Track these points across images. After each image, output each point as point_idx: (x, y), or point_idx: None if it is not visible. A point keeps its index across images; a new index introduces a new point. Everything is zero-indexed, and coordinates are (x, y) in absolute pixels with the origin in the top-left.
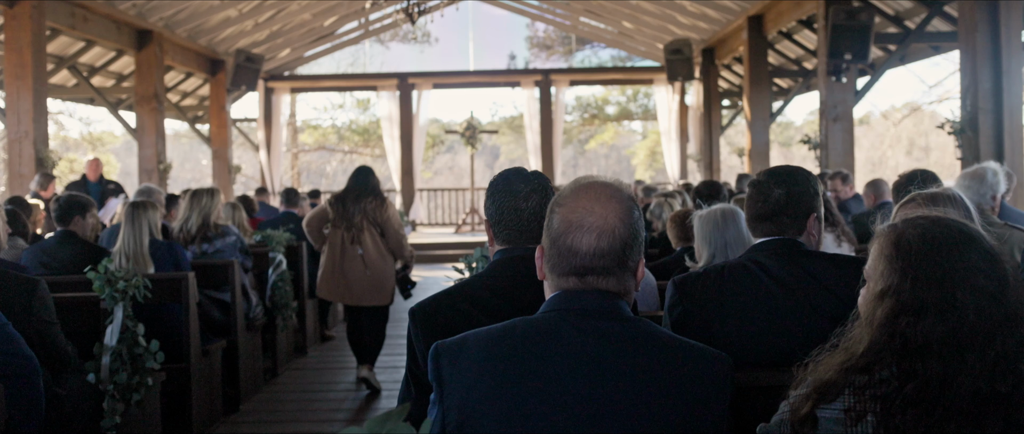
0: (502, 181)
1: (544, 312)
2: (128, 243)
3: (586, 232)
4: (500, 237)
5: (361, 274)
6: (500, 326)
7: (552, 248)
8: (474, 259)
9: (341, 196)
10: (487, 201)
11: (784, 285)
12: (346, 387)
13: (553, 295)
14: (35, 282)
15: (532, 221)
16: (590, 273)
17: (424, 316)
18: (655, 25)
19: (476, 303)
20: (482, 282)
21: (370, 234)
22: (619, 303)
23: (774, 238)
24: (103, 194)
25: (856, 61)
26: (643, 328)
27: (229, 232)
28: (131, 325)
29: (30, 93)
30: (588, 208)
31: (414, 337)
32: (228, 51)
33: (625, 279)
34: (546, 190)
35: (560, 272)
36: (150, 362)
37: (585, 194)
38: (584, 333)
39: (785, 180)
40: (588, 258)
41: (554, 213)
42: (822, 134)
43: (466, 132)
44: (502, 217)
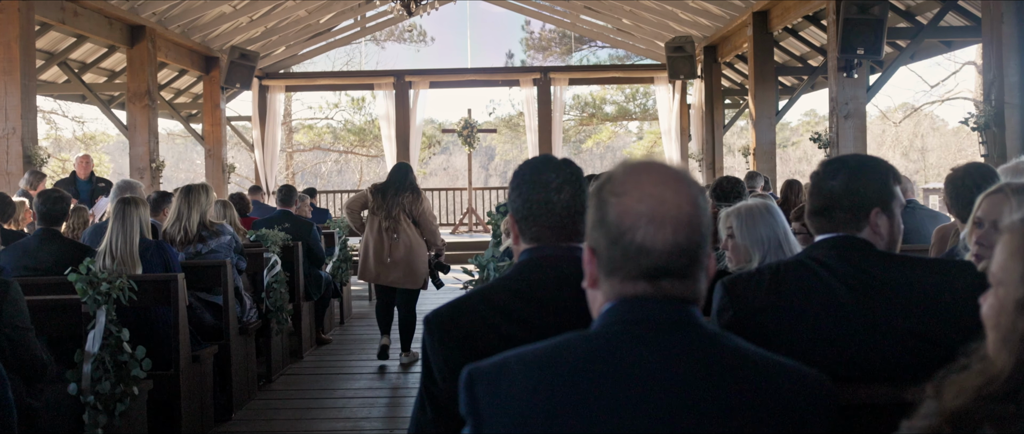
0: (529, 171)
1: (604, 326)
2: (116, 242)
3: (659, 225)
4: (528, 235)
5: (397, 260)
6: (549, 345)
7: (613, 247)
8: (485, 260)
9: (382, 187)
10: (512, 194)
11: (852, 288)
12: (344, 394)
13: (612, 304)
14: (6, 284)
15: (565, 216)
16: (665, 275)
17: (441, 325)
18: (655, 23)
19: (501, 310)
20: (507, 286)
21: (406, 224)
22: (695, 312)
23: (832, 235)
24: (93, 192)
25: (869, 56)
26: (727, 343)
27: (224, 231)
28: (115, 330)
29: (18, 88)
30: (657, 195)
31: (430, 349)
32: (222, 48)
33: (700, 280)
34: (579, 180)
35: (625, 276)
36: (136, 370)
37: (648, 178)
38: (660, 351)
39: (842, 170)
40: (664, 257)
41: (609, 204)
42: (832, 132)
43: (463, 131)
44: (531, 212)
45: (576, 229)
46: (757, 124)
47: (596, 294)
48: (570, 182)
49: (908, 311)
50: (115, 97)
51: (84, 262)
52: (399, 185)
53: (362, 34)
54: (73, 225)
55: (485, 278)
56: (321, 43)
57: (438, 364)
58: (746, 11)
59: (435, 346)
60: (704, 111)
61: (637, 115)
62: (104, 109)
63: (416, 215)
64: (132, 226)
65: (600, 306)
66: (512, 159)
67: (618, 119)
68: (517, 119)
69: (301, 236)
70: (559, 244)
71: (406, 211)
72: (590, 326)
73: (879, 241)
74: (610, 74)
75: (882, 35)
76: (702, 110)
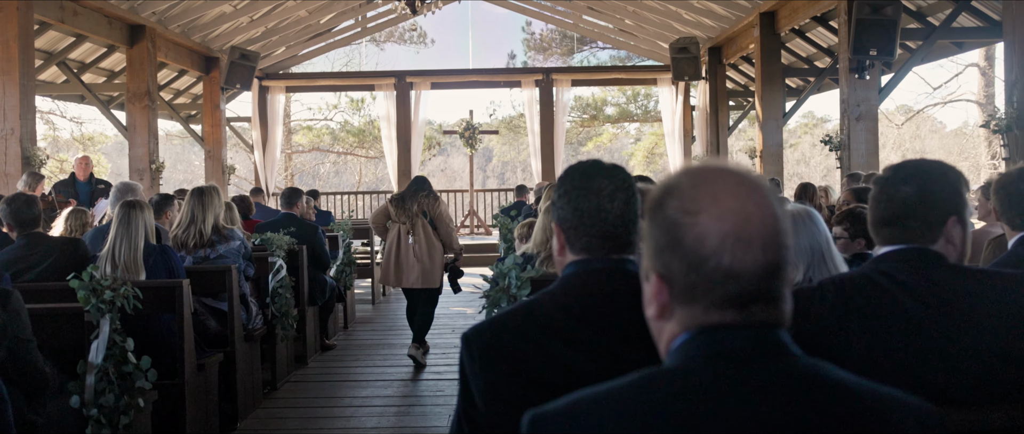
0: (579, 176)
1: (686, 360)
2: (120, 247)
3: (747, 246)
4: (577, 246)
5: (414, 261)
6: (624, 385)
7: (692, 273)
8: (506, 268)
9: (400, 195)
10: (559, 201)
11: (928, 305)
12: (351, 402)
13: (690, 335)
14: (6, 293)
15: (618, 225)
16: (756, 301)
17: (482, 344)
18: (658, 23)
19: (548, 328)
20: (554, 301)
21: (422, 225)
22: (787, 338)
23: (903, 247)
24: (93, 194)
25: (882, 57)
26: (825, 373)
27: (234, 236)
28: (119, 340)
29: (17, 88)
30: (739, 210)
31: (469, 370)
32: (222, 48)
33: (789, 300)
34: (632, 188)
35: (709, 304)
36: (141, 381)
37: (724, 190)
38: (754, 387)
39: (915, 175)
40: (754, 280)
41: (682, 224)
42: (843, 134)
43: (465, 132)
44: (582, 221)
45: (628, 240)
46: (764, 126)
47: (665, 325)
48: (623, 189)
49: (990, 329)
50: (114, 98)
51: (87, 269)
52: (417, 188)
53: (362, 35)
54: (71, 227)
55: (506, 287)
56: (321, 44)
57: (479, 386)
58: (753, 12)
59: (475, 366)
60: (708, 113)
61: (639, 117)
62: (103, 109)
63: (433, 215)
64: (137, 231)
65: (671, 337)
66: (510, 161)
67: (619, 121)
68: (518, 121)
69: (306, 240)
70: (610, 256)
71: (423, 209)
72: (668, 359)
73: (952, 252)
74: (613, 75)
75: (895, 36)
76: (707, 112)
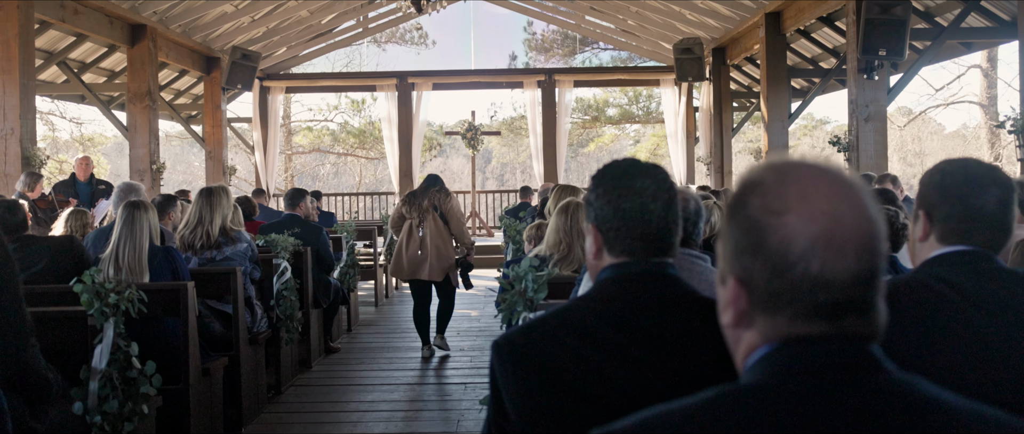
0: (620, 175)
1: (770, 376)
2: (125, 249)
3: (839, 251)
4: (617, 248)
5: (424, 254)
6: (698, 403)
7: (777, 279)
8: (522, 271)
9: (412, 193)
10: (597, 202)
11: (991, 312)
12: (358, 407)
13: (773, 348)
14: None
15: (661, 228)
16: (848, 312)
17: (515, 352)
18: (661, 24)
19: (587, 336)
20: (592, 308)
21: (433, 218)
22: (878, 352)
23: (960, 248)
24: (93, 194)
25: (891, 57)
26: (921, 391)
27: (241, 238)
28: (123, 344)
29: (17, 88)
30: (831, 212)
31: (501, 380)
32: (223, 48)
33: (881, 313)
34: (673, 188)
35: (795, 314)
36: (145, 387)
37: (814, 188)
38: (846, 406)
39: (992, 185)
40: (847, 289)
41: (766, 224)
42: (852, 134)
43: (467, 133)
44: (623, 222)
45: (670, 242)
46: (769, 127)
47: (743, 334)
48: (666, 189)
49: None
50: (115, 98)
51: (89, 271)
52: (429, 185)
53: (364, 35)
54: (72, 228)
55: (522, 290)
56: (323, 44)
57: (513, 397)
58: (758, 12)
59: (509, 376)
60: (712, 114)
61: (640, 118)
62: (104, 110)
63: (445, 210)
64: (141, 232)
65: (750, 348)
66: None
67: (621, 122)
68: (519, 122)
69: (310, 241)
70: (651, 259)
71: (434, 204)
72: (747, 373)
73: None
74: (615, 76)
75: (905, 36)
76: (710, 113)
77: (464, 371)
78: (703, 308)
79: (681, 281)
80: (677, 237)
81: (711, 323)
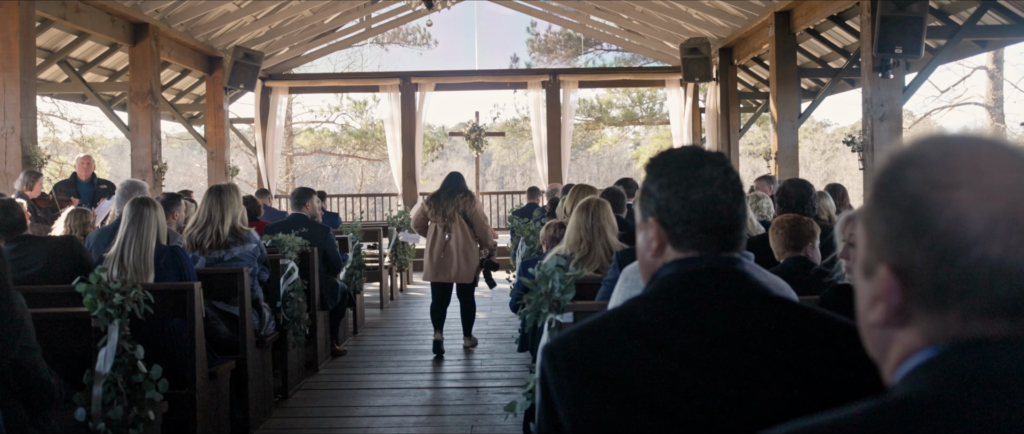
0: (686, 163)
1: (937, 386)
2: (131, 248)
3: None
4: (685, 242)
5: (451, 258)
6: (852, 418)
7: (945, 266)
8: (549, 269)
9: (436, 195)
10: (661, 193)
11: None
12: (367, 412)
13: (939, 352)
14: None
15: (731, 219)
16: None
17: (570, 357)
18: (666, 23)
19: (651, 339)
20: (654, 307)
21: (460, 224)
22: None
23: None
24: (95, 194)
25: (907, 55)
26: None
27: (251, 239)
28: (128, 347)
29: (17, 86)
30: (1015, 185)
31: (555, 389)
32: (226, 48)
33: None
34: (739, 178)
35: (968, 310)
36: (151, 391)
37: (989, 159)
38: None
39: None
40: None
41: (931, 201)
42: (866, 134)
43: (471, 134)
44: (692, 215)
45: (740, 236)
46: (779, 127)
47: (896, 334)
48: (734, 179)
49: None
50: (116, 97)
51: (94, 271)
52: (452, 189)
53: (367, 35)
54: (72, 227)
55: (549, 291)
56: (325, 44)
57: (568, 408)
58: (767, 11)
59: (563, 384)
60: (719, 114)
61: (644, 119)
62: (105, 109)
63: (470, 215)
64: (148, 231)
65: (906, 351)
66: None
67: (624, 123)
68: (520, 124)
69: (317, 241)
70: (721, 254)
71: (461, 211)
72: (904, 383)
73: None
74: (620, 77)
75: (921, 33)
76: (717, 113)
77: (475, 375)
78: (780, 308)
79: (753, 278)
80: (746, 230)
81: (788, 324)
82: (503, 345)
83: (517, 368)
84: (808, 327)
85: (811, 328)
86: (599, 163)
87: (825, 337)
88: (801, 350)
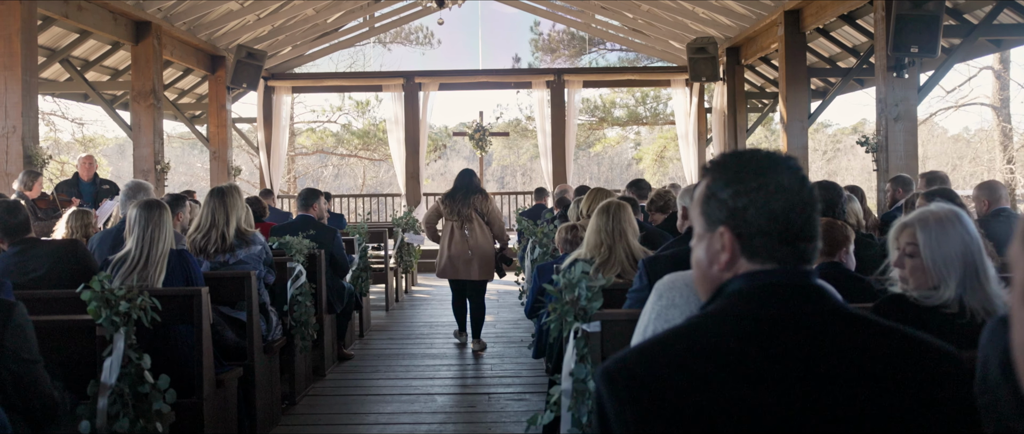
0: (763, 169)
1: None
2: (142, 252)
3: None
4: (761, 254)
5: (472, 256)
6: None
7: None
8: (575, 279)
9: (451, 194)
10: (735, 200)
11: None
12: (377, 419)
13: None
14: (9, 306)
15: (810, 230)
16: None
17: (632, 383)
18: (672, 23)
19: (721, 362)
20: (723, 327)
21: (477, 223)
22: None
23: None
24: (97, 194)
25: (924, 54)
26: None
27: (256, 241)
28: (135, 357)
29: (19, 84)
30: None
31: (615, 416)
32: (229, 47)
33: None
34: (813, 185)
35: None
36: (158, 403)
37: None
38: None
39: None
40: None
41: None
42: (881, 135)
43: (475, 134)
44: (772, 225)
45: (816, 247)
46: (789, 128)
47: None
48: (811, 187)
49: None
50: (118, 97)
51: (97, 277)
52: (467, 189)
53: (370, 34)
54: (74, 229)
55: (574, 299)
56: (328, 43)
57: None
58: (776, 10)
59: (626, 412)
60: (726, 114)
61: (647, 119)
62: (107, 108)
63: (486, 213)
64: (157, 234)
65: None
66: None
67: (628, 124)
68: (525, 123)
69: (325, 243)
70: (797, 268)
71: (478, 211)
72: None
73: None
74: (625, 76)
75: (937, 32)
76: (724, 113)
77: (486, 380)
78: (861, 326)
79: (830, 293)
80: (819, 241)
81: (871, 344)
82: (512, 349)
83: (529, 373)
84: (892, 346)
85: (894, 347)
86: (600, 163)
87: (911, 358)
88: (886, 371)
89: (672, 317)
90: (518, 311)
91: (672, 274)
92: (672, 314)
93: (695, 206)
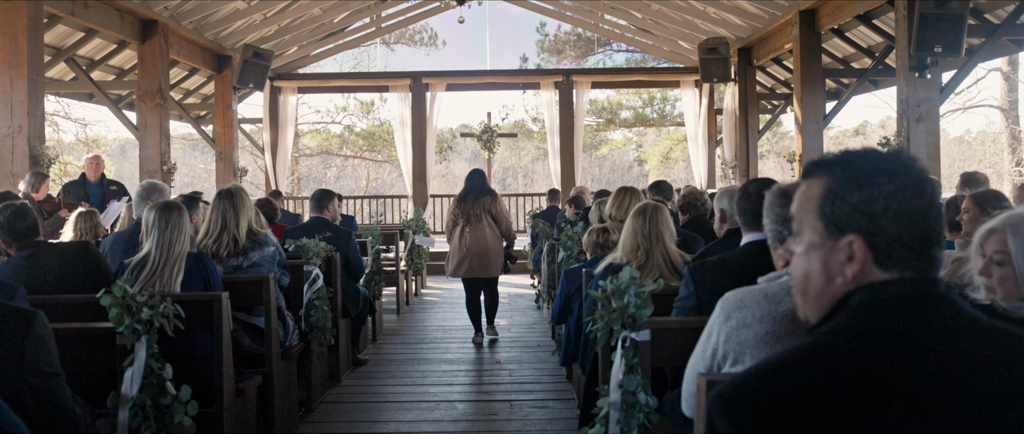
0: (892, 169)
1: None
2: (162, 255)
3: None
4: (897, 265)
5: (485, 255)
6: None
7: None
8: (624, 285)
9: (462, 196)
10: (869, 206)
11: None
12: (397, 427)
13: None
14: (30, 315)
15: (940, 237)
16: None
17: (755, 412)
18: (682, 22)
19: (856, 383)
20: (857, 344)
21: (487, 222)
22: None
23: None
24: (104, 195)
25: (948, 54)
26: None
27: (268, 242)
28: (157, 367)
29: (25, 83)
30: None
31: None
32: (235, 46)
33: None
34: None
35: None
36: (180, 415)
37: None
38: None
39: None
40: None
41: None
42: (902, 136)
43: (483, 135)
44: (910, 234)
45: (942, 254)
46: (803, 129)
47: None
48: (933, 189)
49: None
50: (123, 96)
51: (119, 282)
52: (478, 190)
53: (376, 34)
54: (82, 231)
55: (623, 306)
56: (334, 44)
57: None
58: (791, 9)
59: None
60: (737, 115)
61: (655, 121)
62: (113, 108)
63: (495, 213)
64: (176, 237)
65: None
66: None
67: (635, 125)
68: (529, 124)
69: (340, 246)
70: (926, 276)
71: (487, 210)
72: None
73: None
74: (635, 77)
75: (962, 31)
76: (735, 114)
77: (506, 387)
78: (999, 338)
79: (962, 303)
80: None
81: (1011, 356)
82: (529, 354)
83: (549, 379)
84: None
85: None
86: (601, 166)
87: None
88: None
89: (746, 338)
90: (532, 315)
91: (737, 291)
92: (745, 335)
93: (808, 211)
